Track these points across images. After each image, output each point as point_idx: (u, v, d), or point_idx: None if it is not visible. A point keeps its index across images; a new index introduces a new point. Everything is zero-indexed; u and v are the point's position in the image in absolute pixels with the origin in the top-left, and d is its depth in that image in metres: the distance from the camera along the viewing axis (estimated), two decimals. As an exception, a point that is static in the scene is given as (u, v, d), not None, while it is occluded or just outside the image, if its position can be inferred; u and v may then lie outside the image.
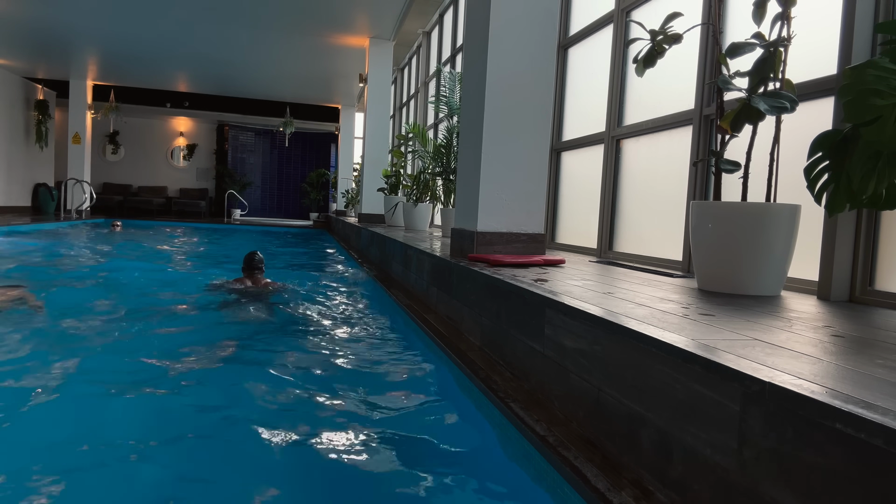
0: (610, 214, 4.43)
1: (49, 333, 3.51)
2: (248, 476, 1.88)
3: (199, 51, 12.41)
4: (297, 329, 3.94)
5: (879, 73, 1.72)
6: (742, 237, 2.39)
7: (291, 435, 2.18)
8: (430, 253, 3.94)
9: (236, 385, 2.70)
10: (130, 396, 2.49)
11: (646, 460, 1.44)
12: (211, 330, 3.83)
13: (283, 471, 1.93)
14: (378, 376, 2.91)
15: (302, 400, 2.59)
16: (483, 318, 2.73)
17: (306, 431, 2.22)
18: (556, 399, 1.93)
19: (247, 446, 2.09)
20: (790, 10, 2.38)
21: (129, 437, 2.10)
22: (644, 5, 4.17)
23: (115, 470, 1.88)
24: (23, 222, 10.95)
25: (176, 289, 5.35)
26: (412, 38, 11.29)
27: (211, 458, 2.01)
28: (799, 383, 1.11)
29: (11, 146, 14.81)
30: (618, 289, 2.47)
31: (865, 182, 1.83)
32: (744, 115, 2.40)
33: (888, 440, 0.89)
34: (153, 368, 2.89)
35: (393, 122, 13.48)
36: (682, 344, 1.38)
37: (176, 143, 20.01)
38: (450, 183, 6.57)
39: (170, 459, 1.98)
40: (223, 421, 2.34)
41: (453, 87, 6.60)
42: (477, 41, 3.77)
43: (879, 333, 1.76)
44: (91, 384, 2.63)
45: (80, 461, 1.92)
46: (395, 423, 2.29)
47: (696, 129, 3.47)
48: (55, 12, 10.19)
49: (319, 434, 2.19)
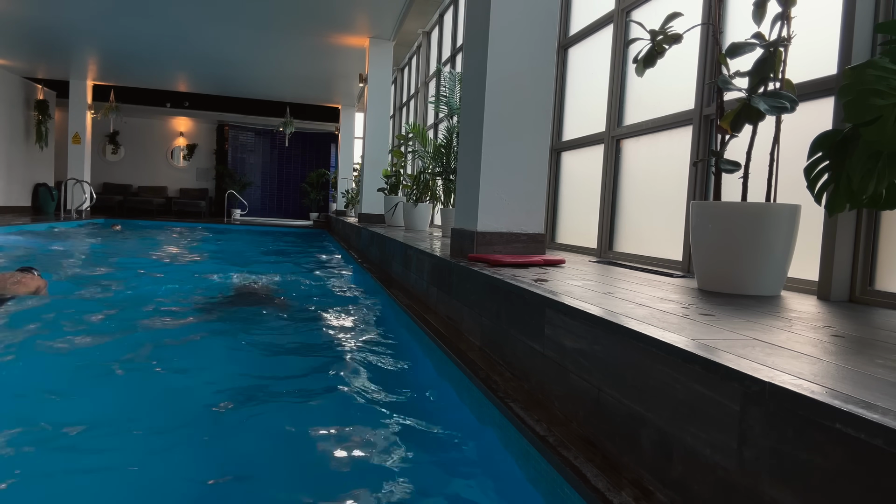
0: (610, 214, 4.43)
1: (61, 323, 3.53)
2: (243, 474, 1.88)
3: (199, 51, 12.41)
4: (296, 329, 3.94)
5: (879, 73, 1.71)
6: (742, 237, 2.39)
7: (289, 435, 2.18)
8: (430, 253, 3.94)
9: (232, 384, 2.70)
10: (125, 384, 2.50)
11: (646, 460, 1.44)
12: (208, 328, 3.83)
13: (278, 470, 1.93)
14: (378, 376, 2.90)
15: (301, 399, 2.59)
16: (483, 318, 2.73)
17: (306, 431, 2.22)
18: (556, 399, 1.93)
19: (244, 446, 2.09)
20: (790, 10, 2.38)
21: (130, 420, 2.11)
22: (644, 5, 4.17)
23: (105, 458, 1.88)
24: (23, 222, 10.95)
25: (177, 285, 5.38)
26: (412, 38, 11.29)
27: (210, 457, 2.01)
28: (799, 383, 1.11)
29: (11, 146, 14.81)
30: (618, 289, 2.47)
31: (865, 182, 1.83)
32: (744, 115, 2.40)
33: (888, 440, 0.89)
34: (143, 358, 2.91)
35: (393, 122, 13.47)
36: (682, 344, 1.38)
37: (176, 143, 20.01)
38: (450, 183, 6.57)
39: (166, 446, 1.98)
40: (218, 421, 2.34)
41: (453, 87, 6.60)
42: (477, 41, 3.77)
43: (879, 333, 1.76)
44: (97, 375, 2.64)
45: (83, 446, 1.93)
46: (395, 423, 2.29)
47: (696, 129, 3.47)
48: (55, 12, 10.19)
49: (319, 434, 2.19)
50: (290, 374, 2.96)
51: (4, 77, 14.51)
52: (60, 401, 2.43)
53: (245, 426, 2.29)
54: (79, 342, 3.26)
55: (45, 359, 2.94)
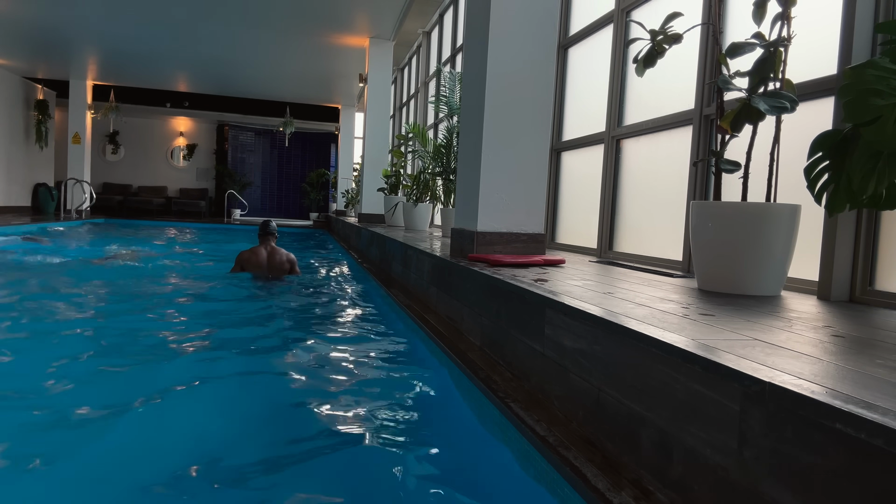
0: (610, 214, 4.43)
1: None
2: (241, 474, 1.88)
3: (199, 51, 12.41)
4: (296, 328, 3.94)
5: (879, 73, 1.71)
6: (742, 237, 2.39)
7: (287, 434, 2.18)
8: (430, 253, 3.94)
9: (231, 384, 2.71)
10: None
11: (646, 460, 1.44)
12: (208, 327, 3.83)
13: (275, 471, 1.93)
14: (377, 376, 2.90)
15: (300, 399, 2.59)
16: (483, 318, 2.73)
17: (305, 430, 2.22)
18: (556, 399, 1.93)
19: (240, 446, 2.09)
20: (790, 10, 2.38)
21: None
22: (644, 5, 4.17)
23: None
24: (23, 222, 10.95)
25: (182, 278, 5.44)
26: (412, 38, 11.29)
27: (208, 455, 2.01)
28: (799, 383, 1.11)
29: (11, 146, 14.80)
30: (618, 289, 2.46)
31: (865, 182, 1.83)
32: (744, 115, 2.40)
33: (888, 440, 0.89)
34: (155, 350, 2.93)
35: (393, 122, 13.47)
36: (682, 344, 1.38)
37: (176, 143, 20.01)
38: (450, 183, 6.56)
39: (165, 433, 1.99)
40: (213, 422, 2.34)
41: (453, 87, 6.60)
42: (477, 41, 3.77)
43: (879, 333, 1.76)
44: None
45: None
46: (394, 423, 2.29)
47: (696, 129, 3.47)
48: (55, 12, 10.19)
49: (318, 433, 2.19)
50: (289, 374, 2.95)
51: (4, 77, 14.50)
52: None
53: (245, 424, 2.29)
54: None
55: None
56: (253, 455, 2.00)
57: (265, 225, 5.82)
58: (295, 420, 2.33)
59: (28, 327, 3.67)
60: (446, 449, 2.11)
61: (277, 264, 5.69)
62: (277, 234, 5.90)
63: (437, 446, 2.11)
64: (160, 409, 2.36)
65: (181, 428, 2.24)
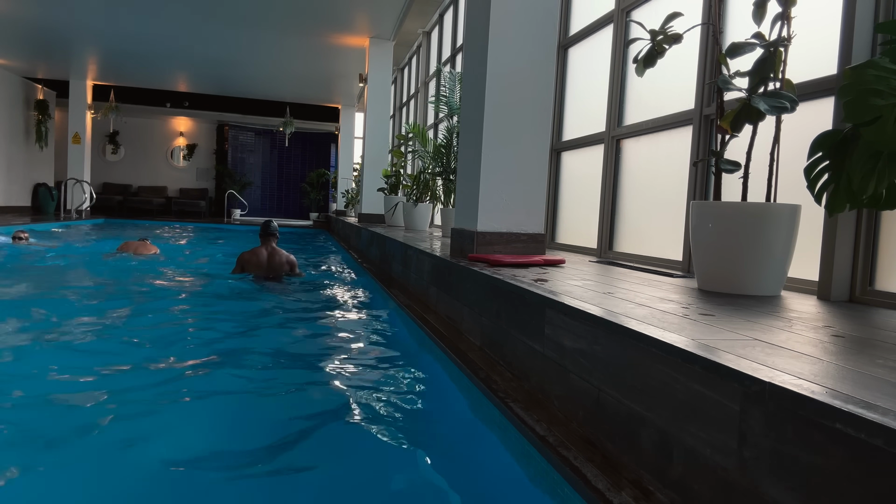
0: (610, 214, 4.43)
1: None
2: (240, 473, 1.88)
3: (199, 51, 12.41)
4: (295, 328, 3.94)
5: (879, 73, 1.71)
6: (742, 237, 2.39)
7: (287, 434, 2.18)
8: (430, 253, 3.94)
9: (231, 383, 2.71)
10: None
11: (646, 460, 1.44)
12: (208, 327, 3.83)
13: (275, 471, 1.93)
14: (377, 376, 2.90)
15: (299, 399, 2.59)
16: (483, 318, 2.73)
17: (304, 431, 2.22)
18: (556, 399, 1.93)
19: (239, 445, 2.09)
20: (790, 10, 2.38)
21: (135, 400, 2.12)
22: (644, 5, 4.17)
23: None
24: (23, 222, 10.95)
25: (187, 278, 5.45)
26: (412, 38, 11.29)
27: (207, 454, 2.01)
28: (799, 383, 1.11)
29: (11, 146, 14.81)
30: (618, 289, 2.46)
31: (865, 182, 1.83)
32: (744, 115, 2.40)
33: (888, 440, 0.89)
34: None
35: (393, 122, 13.47)
36: (682, 344, 1.38)
37: (176, 143, 20.01)
38: (450, 183, 6.56)
39: (168, 431, 1.99)
40: (213, 423, 2.34)
41: (453, 87, 6.60)
42: (477, 41, 3.77)
43: (879, 333, 1.76)
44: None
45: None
46: (394, 423, 2.29)
47: (696, 129, 3.47)
48: (55, 12, 10.19)
49: (318, 433, 2.19)
50: (286, 373, 2.95)
51: (4, 77, 14.50)
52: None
53: (244, 424, 2.29)
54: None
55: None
56: (252, 455, 2.00)
57: (266, 225, 5.84)
58: (294, 420, 2.33)
59: (28, 327, 3.67)
60: (446, 449, 2.11)
61: (278, 265, 5.71)
62: (279, 234, 5.92)
63: (438, 446, 2.11)
64: (160, 409, 2.36)
65: (181, 428, 2.24)
